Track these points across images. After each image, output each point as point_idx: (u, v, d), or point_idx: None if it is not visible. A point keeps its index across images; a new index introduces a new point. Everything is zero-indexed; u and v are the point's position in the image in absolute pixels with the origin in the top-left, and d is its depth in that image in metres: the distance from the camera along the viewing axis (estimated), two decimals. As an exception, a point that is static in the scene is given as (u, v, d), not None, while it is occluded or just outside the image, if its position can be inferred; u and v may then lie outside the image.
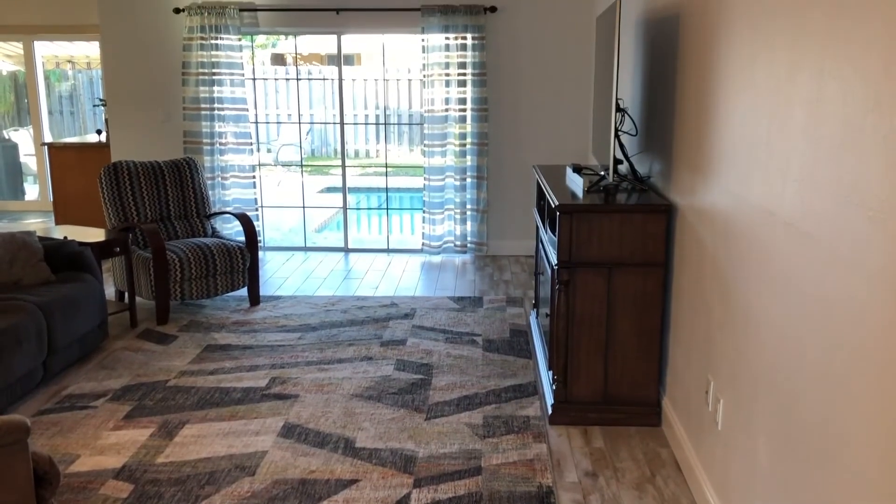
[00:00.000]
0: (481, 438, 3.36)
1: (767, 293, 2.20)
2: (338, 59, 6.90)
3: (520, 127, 6.62)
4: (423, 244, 6.75)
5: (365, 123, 12.67)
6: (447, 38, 6.33)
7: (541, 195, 4.41)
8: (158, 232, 4.84)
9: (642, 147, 4.05)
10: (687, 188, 3.16)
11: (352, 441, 3.34)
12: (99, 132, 7.80)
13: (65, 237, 4.64)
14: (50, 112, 9.31)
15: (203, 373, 4.11)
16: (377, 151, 12.68)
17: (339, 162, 7.10)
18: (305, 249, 7.05)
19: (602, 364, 3.48)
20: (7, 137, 9.84)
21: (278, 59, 13.57)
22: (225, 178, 6.69)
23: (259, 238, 6.84)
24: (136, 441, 3.35)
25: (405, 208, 9.84)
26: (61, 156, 7.55)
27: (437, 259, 6.68)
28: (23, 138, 9.79)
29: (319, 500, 2.88)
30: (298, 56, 10.48)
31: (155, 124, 6.82)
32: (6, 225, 8.35)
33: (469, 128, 6.45)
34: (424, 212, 6.70)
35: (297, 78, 11.49)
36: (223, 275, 5.12)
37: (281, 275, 6.17)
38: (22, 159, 9.81)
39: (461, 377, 4.03)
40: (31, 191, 9.76)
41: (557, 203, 3.38)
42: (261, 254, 6.82)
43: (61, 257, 4.35)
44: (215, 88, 6.51)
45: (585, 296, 3.43)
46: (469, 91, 6.38)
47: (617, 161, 3.66)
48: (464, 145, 6.51)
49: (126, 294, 5.04)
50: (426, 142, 6.57)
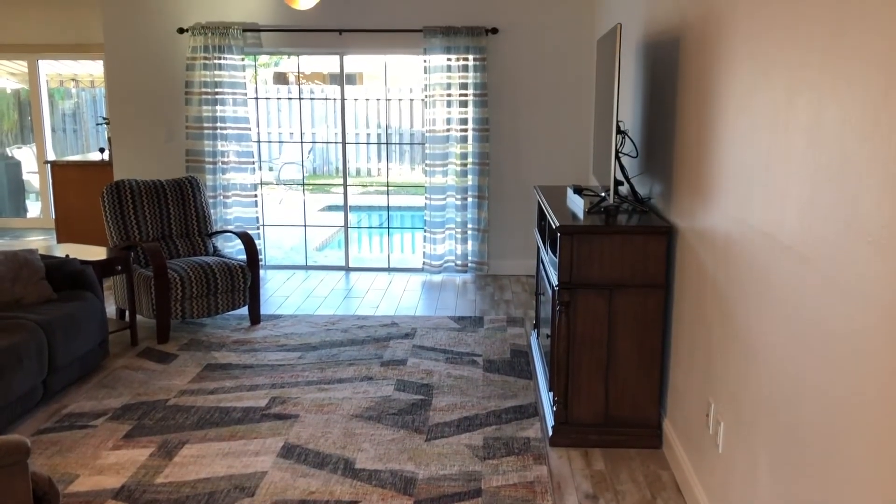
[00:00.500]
0: (481, 460, 3.35)
1: (767, 316, 2.20)
2: (340, 79, 6.94)
3: (521, 147, 6.65)
4: (424, 263, 6.76)
5: (367, 143, 12.73)
6: (449, 59, 6.38)
7: (542, 215, 4.42)
8: (160, 250, 4.85)
9: (643, 168, 4.07)
10: (687, 210, 3.17)
11: (351, 462, 3.33)
12: (102, 150, 7.84)
13: (66, 255, 4.65)
14: (53, 130, 9.36)
15: (203, 392, 4.10)
16: (378, 170, 12.72)
17: (341, 180, 7.13)
18: (306, 268, 7.06)
19: (603, 385, 3.48)
20: (10, 155, 9.88)
21: (281, 78, 13.66)
22: (227, 197, 6.72)
23: (260, 256, 6.85)
24: (136, 461, 3.34)
25: (406, 227, 9.85)
26: (64, 174, 7.57)
27: (438, 278, 6.69)
28: (26, 156, 9.83)
29: (319, 522, 2.87)
30: (301, 75, 10.53)
31: (157, 143, 6.86)
32: (8, 242, 8.37)
33: (470, 148, 6.48)
34: (425, 231, 6.72)
35: (300, 97, 11.55)
36: (224, 293, 5.12)
37: (282, 293, 6.17)
38: (25, 177, 9.84)
39: (461, 398, 4.03)
40: (34, 208, 9.79)
41: (558, 224, 3.39)
42: (262, 272, 6.83)
43: (63, 275, 4.36)
44: (218, 107, 6.55)
45: (586, 317, 3.43)
46: (470, 111, 6.42)
47: (617, 182, 3.68)
48: (465, 165, 6.53)
49: (127, 312, 5.05)
50: (427, 161, 6.60)
